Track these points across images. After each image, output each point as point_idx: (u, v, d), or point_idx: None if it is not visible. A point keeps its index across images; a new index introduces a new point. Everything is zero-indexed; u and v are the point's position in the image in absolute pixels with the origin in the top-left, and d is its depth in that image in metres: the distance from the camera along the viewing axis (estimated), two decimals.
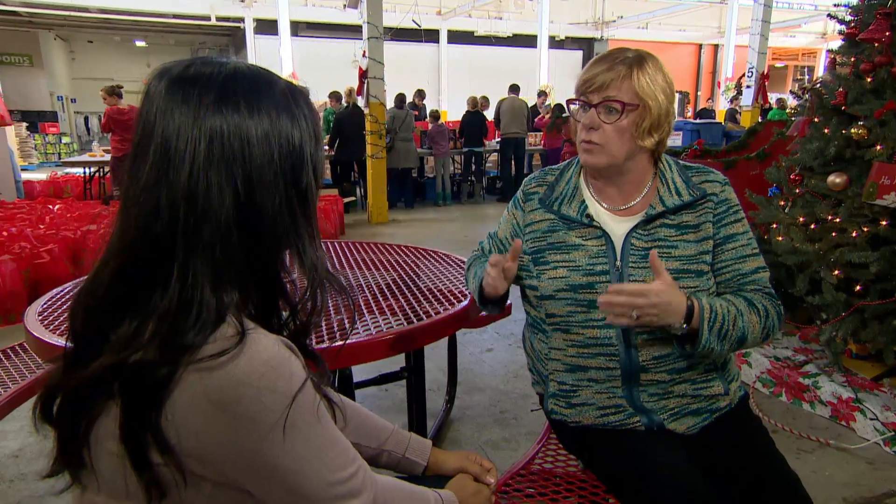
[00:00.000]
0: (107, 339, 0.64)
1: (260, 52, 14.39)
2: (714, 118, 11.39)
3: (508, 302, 2.17)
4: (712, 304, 1.15)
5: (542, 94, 10.65)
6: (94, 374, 0.63)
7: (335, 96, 9.48)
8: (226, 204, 0.64)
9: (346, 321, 1.48)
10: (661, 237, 1.23)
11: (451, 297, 1.76)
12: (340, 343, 1.32)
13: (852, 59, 2.65)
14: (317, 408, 0.67)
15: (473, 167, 9.21)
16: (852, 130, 2.48)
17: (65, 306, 1.69)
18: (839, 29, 2.79)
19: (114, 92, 6.79)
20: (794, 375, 2.67)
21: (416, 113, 10.24)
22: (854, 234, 2.42)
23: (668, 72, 1.20)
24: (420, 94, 10.78)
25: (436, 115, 8.81)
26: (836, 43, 2.85)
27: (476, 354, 3.29)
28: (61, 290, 1.86)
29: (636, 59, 1.18)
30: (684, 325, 1.12)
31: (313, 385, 0.67)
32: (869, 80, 2.54)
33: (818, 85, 2.79)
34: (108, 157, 7.81)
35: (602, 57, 1.20)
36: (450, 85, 16.54)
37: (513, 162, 9.11)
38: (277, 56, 12.32)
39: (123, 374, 0.62)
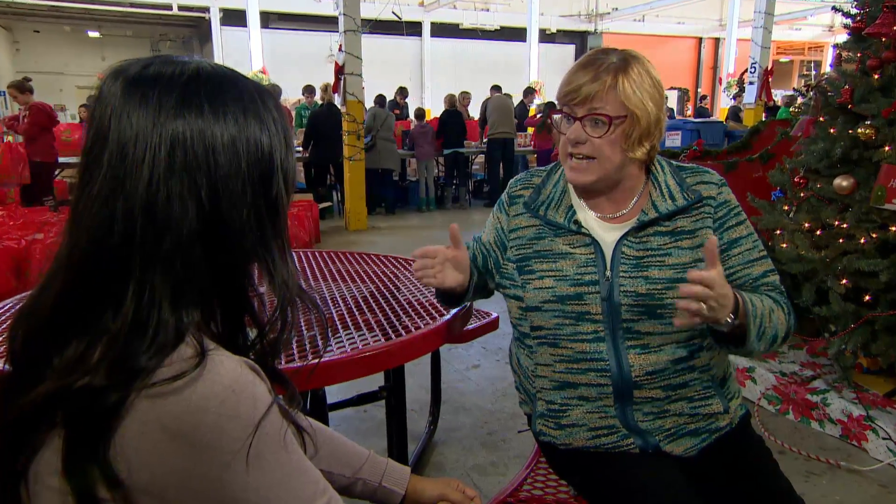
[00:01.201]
0: (50, 363, 0.63)
1: (227, 46, 14.35)
2: (710, 117, 11.53)
3: (495, 316, 2.17)
4: (751, 297, 1.15)
5: (530, 91, 10.71)
6: (34, 402, 0.62)
7: (309, 90, 9.49)
8: (188, 216, 0.64)
9: (318, 338, 1.48)
10: (653, 245, 1.24)
11: (434, 311, 1.76)
12: (313, 362, 1.31)
13: (858, 55, 2.70)
14: (283, 435, 0.67)
15: (456, 170, 9.23)
16: (859, 130, 2.52)
17: (4, 325, 1.67)
18: (844, 23, 2.84)
19: (26, 88, 6.43)
20: (802, 392, 2.70)
21: (398, 112, 10.28)
22: (862, 241, 2.46)
23: (656, 73, 1.21)
24: (402, 92, 10.84)
25: (420, 114, 8.83)
26: (844, 37, 2.90)
27: (461, 371, 3.29)
28: (1, 307, 1.83)
29: (621, 65, 1.17)
30: (732, 318, 1.09)
31: (280, 410, 0.67)
32: (876, 76, 2.59)
33: (823, 82, 2.84)
34: (61, 160, 7.72)
35: (585, 63, 1.20)
36: (433, 81, 16.60)
37: (501, 164, 9.14)
38: (246, 50, 12.32)
39: (68, 402, 0.61)
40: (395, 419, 2.08)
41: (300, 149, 8.16)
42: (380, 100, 8.41)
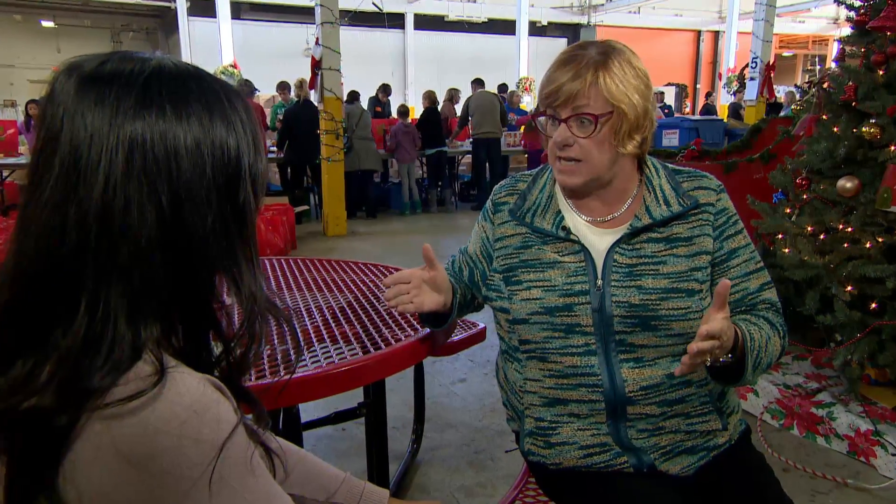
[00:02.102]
0: None
1: (195, 38, 14.26)
2: (715, 115, 11.65)
3: (482, 327, 2.17)
4: (750, 330, 1.19)
5: (504, 88, 10.68)
6: None
7: (283, 87, 9.45)
8: (147, 223, 0.64)
9: (291, 353, 1.47)
10: (647, 253, 1.25)
11: (417, 322, 1.76)
12: (284, 379, 1.31)
13: (862, 50, 2.74)
14: (250, 458, 0.66)
15: (440, 172, 9.23)
16: (864, 129, 2.56)
17: None
18: (848, 16, 2.89)
19: None
20: (807, 405, 2.72)
21: (380, 109, 10.28)
22: (868, 246, 2.49)
23: (640, 62, 1.21)
24: (385, 89, 10.81)
25: (405, 112, 8.83)
26: (849, 30, 2.94)
27: (447, 386, 3.29)
28: None
29: (601, 59, 1.17)
30: (730, 357, 1.14)
31: (247, 431, 0.67)
32: (881, 72, 2.63)
33: (826, 78, 2.88)
34: (10, 160, 7.63)
35: (564, 60, 1.20)
36: (417, 77, 16.63)
37: (488, 165, 9.16)
38: (215, 42, 12.26)
39: (12, 425, 0.61)
40: (376, 438, 2.07)
41: (274, 149, 8.15)
42: (353, 97, 8.38)
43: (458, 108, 9.69)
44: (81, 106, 0.64)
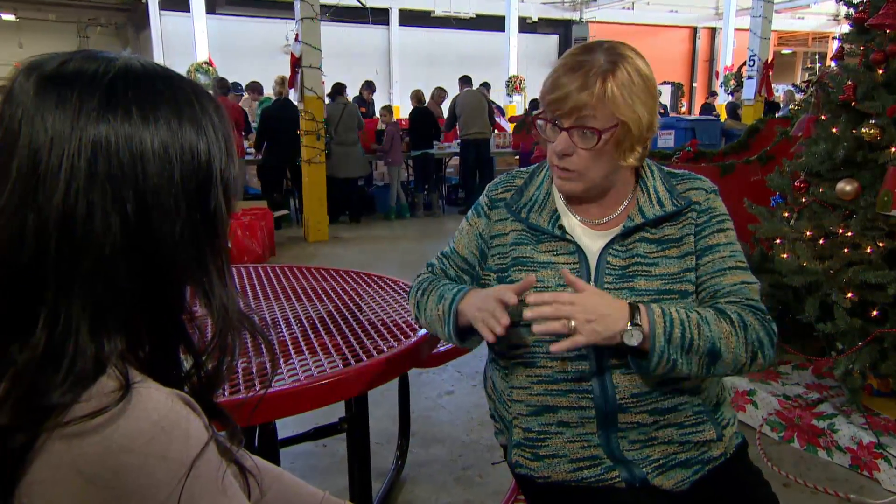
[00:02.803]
0: None
1: (167, 33, 14.17)
2: (713, 114, 11.73)
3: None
4: (666, 307, 1.17)
5: (486, 86, 10.65)
6: None
7: (254, 87, 9.37)
8: (112, 231, 0.63)
9: (267, 366, 1.47)
10: (639, 253, 1.27)
11: (400, 332, 1.76)
12: (259, 393, 1.30)
13: (861, 48, 2.78)
14: (222, 477, 0.66)
15: (427, 174, 9.23)
16: (863, 130, 2.59)
17: None
18: (846, 12, 2.92)
19: None
20: (807, 417, 2.74)
21: (364, 110, 10.26)
22: (868, 251, 2.52)
23: (647, 67, 1.22)
24: (369, 86, 10.79)
25: (391, 112, 8.81)
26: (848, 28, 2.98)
27: (433, 399, 3.29)
28: None
29: (610, 68, 1.17)
30: (631, 329, 1.13)
31: (218, 449, 0.67)
32: (881, 71, 2.66)
33: (824, 77, 2.91)
34: None
35: (571, 66, 1.19)
36: (403, 75, 16.65)
37: (477, 168, 9.16)
38: (189, 38, 12.19)
39: None
40: (358, 454, 2.07)
41: (253, 150, 8.11)
42: (336, 91, 8.27)
43: (444, 108, 9.68)
44: (42, 108, 0.64)
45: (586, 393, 1.25)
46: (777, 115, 7.79)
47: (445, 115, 9.46)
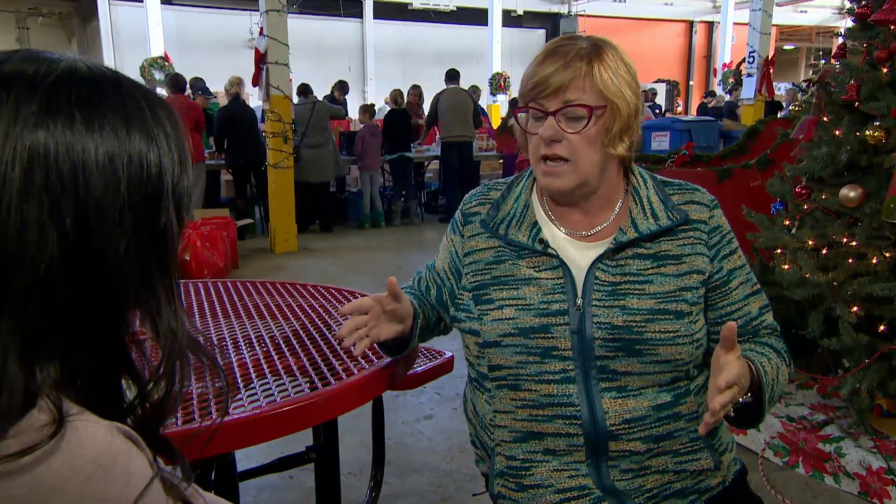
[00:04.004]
0: None
1: (118, 25, 14.02)
2: (709, 115, 11.84)
3: (449, 356, 2.17)
4: (761, 362, 1.24)
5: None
6: None
7: (202, 89, 9.20)
8: (48, 248, 0.63)
9: (226, 392, 1.46)
10: (632, 270, 1.28)
11: (372, 352, 1.75)
12: (214, 424, 1.29)
13: (865, 45, 2.82)
14: None
15: (405, 179, 9.23)
16: (867, 132, 2.62)
17: None
18: (848, 7, 2.97)
19: None
20: (813, 440, 2.76)
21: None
22: (875, 261, 2.55)
23: (630, 60, 1.27)
24: (341, 86, 10.74)
25: (370, 112, 8.80)
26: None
27: (411, 424, 3.28)
28: None
29: (594, 50, 1.23)
30: (749, 396, 1.20)
31: (165, 487, 0.66)
32: (885, 70, 2.70)
33: (826, 75, 2.95)
34: None
35: (551, 51, 1.25)
36: (378, 73, 16.67)
37: (459, 172, 9.18)
38: (143, 31, 12.11)
39: None
40: (327, 486, 2.06)
41: (213, 149, 8.08)
42: (303, 89, 8.30)
43: (425, 108, 9.70)
44: None
45: (574, 419, 1.25)
46: (780, 115, 7.90)
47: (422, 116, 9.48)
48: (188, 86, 8.35)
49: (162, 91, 7.64)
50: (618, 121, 1.23)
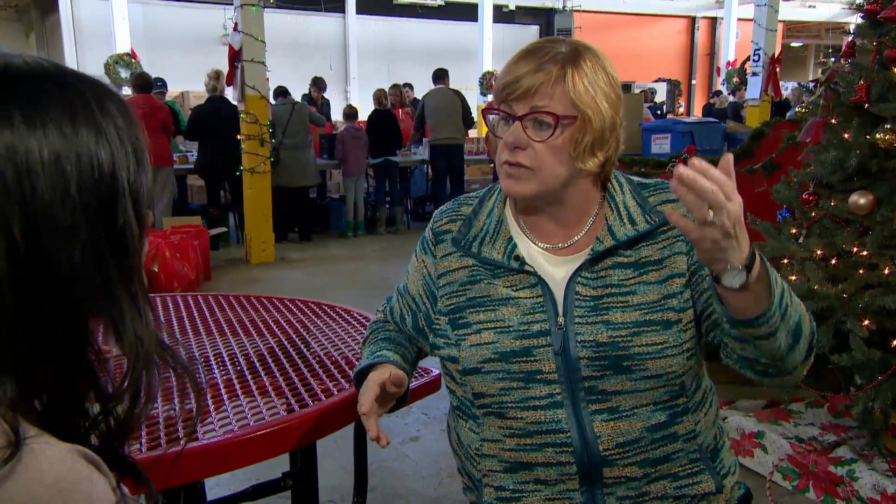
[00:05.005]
0: None
1: (81, 19, 13.89)
2: (714, 116, 11.91)
3: (436, 373, 2.18)
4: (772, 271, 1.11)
5: (442, 74, 10.66)
6: None
7: (156, 83, 9.10)
8: None
9: (195, 411, 1.45)
10: (614, 282, 1.28)
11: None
12: (180, 447, 1.29)
13: (874, 43, 2.84)
14: None
15: (390, 184, 9.23)
16: (878, 136, 2.64)
17: None
18: (857, 3, 2.99)
19: None
20: (824, 462, 2.77)
21: (314, 108, 10.25)
22: (887, 272, 2.56)
23: (613, 70, 1.26)
24: (317, 83, 10.78)
25: (352, 114, 8.81)
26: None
27: (396, 446, 3.27)
28: None
29: (571, 56, 1.22)
30: (742, 269, 1.04)
31: None
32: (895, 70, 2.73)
33: (833, 75, 2.97)
34: None
35: (527, 51, 1.25)
36: (361, 71, 16.69)
37: (448, 177, 9.19)
38: (108, 26, 12.04)
39: None
40: None
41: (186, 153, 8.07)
42: (281, 93, 8.33)
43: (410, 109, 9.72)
44: None
45: (565, 446, 1.25)
46: (787, 116, 7.95)
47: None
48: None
49: (128, 91, 7.61)
50: (588, 133, 1.22)
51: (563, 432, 1.25)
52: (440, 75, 9.11)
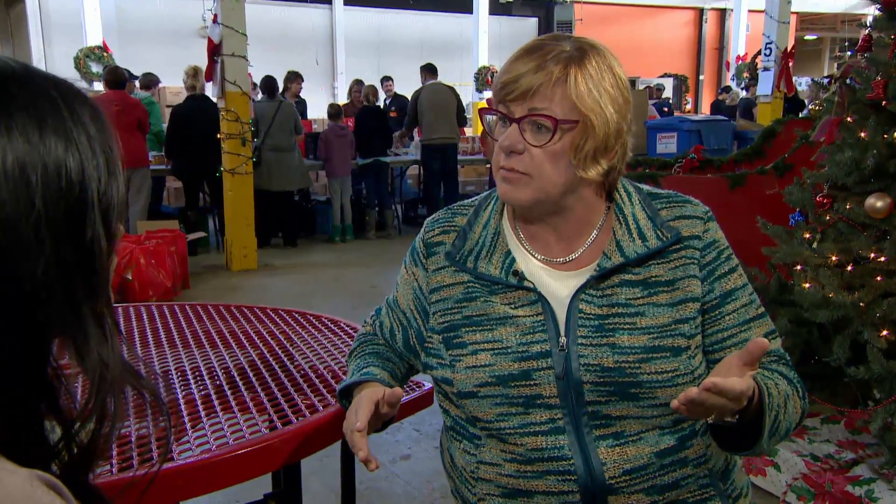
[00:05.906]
0: None
1: (49, 10, 13.77)
2: (723, 114, 11.95)
3: (429, 387, 2.18)
4: (767, 384, 1.19)
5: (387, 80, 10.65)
6: None
7: (147, 81, 9.14)
8: None
9: (168, 432, 1.44)
10: (621, 301, 1.26)
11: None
12: (152, 471, 1.28)
13: (892, 37, 2.85)
14: None
15: (379, 187, 9.22)
16: (895, 135, 2.65)
17: None
18: None
19: None
20: (841, 482, 2.77)
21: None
22: None
23: (622, 70, 1.24)
24: (294, 77, 10.61)
25: (336, 112, 8.81)
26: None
27: (386, 465, 3.26)
28: None
29: (575, 55, 1.20)
30: (736, 417, 1.13)
31: None
32: None
33: (849, 71, 2.98)
34: None
35: (529, 49, 1.23)
36: (349, 66, 16.69)
37: (441, 178, 9.20)
38: (78, 16, 12.02)
39: None
40: None
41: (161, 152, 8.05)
42: (268, 86, 8.29)
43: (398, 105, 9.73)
44: None
45: (568, 474, 1.24)
46: (801, 114, 7.98)
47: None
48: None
49: (99, 87, 7.59)
50: (591, 140, 1.20)
51: (566, 459, 1.24)
52: (430, 70, 9.09)
